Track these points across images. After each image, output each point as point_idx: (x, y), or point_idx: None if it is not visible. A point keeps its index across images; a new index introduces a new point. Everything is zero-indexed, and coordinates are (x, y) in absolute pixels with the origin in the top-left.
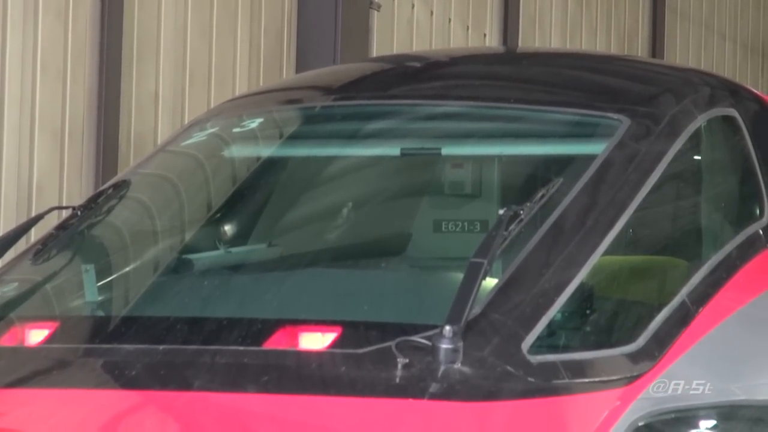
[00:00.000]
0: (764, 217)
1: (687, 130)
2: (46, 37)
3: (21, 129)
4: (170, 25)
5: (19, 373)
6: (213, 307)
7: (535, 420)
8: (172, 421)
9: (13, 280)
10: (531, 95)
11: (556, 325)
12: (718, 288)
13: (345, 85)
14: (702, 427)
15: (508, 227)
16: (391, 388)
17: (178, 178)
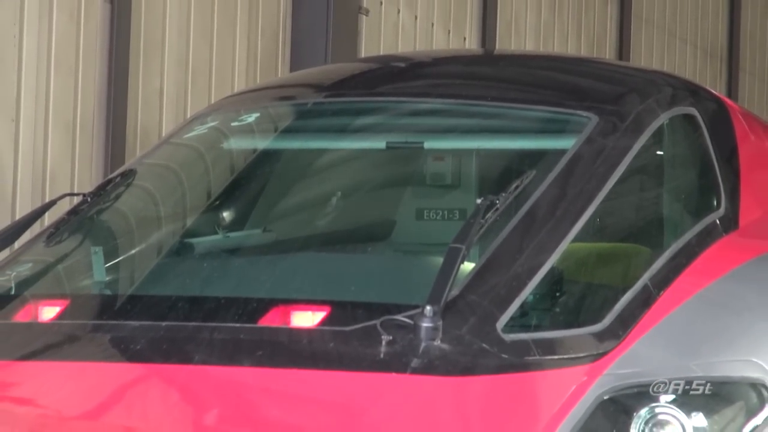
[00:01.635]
0: (721, 208)
1: (650, 127)
2: (59, 37)
3: (36, 121)
4: (174, 27)
5: (32, 346)
6: (212, 287)
7: (508, 394)
8: (174, 393)
9: (28, 260)
10: (507, 94)
11: (528, 306)
12: (678, 273)
13: (335, 83)
14: (662, 400)
15: (485, 215)
16: (375, 363)
17: (180, 168)
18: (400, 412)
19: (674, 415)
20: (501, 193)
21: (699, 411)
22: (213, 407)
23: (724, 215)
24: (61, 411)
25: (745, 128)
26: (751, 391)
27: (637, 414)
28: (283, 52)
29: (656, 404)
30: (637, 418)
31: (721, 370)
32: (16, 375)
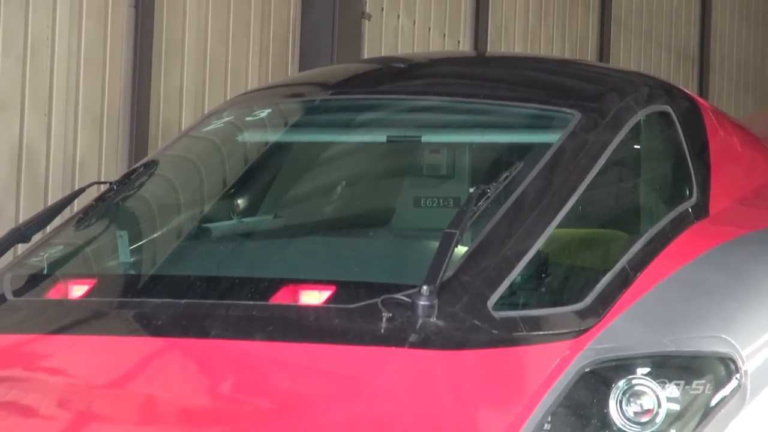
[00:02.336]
0: (693, 198)
1: (629, 123)
2: (88, 39)
3: (66, 116)
4: (193, 30)
5: (63, 322)
6: (227, 268)
7: (498, 366)
8: (192, 364)
9: (59, 243)
10: (497, 92)
11: (516, 286)
12: (654, 256)
13: (340, 82)
14: (638, 373)
15: (477, 203)
16: (376, 338)
17: (198, 159)
18: (399, 382)
19: (649, 386)
20: (492, 183)
21: (672, 383)
22: (227, 378)
23: (696, 204)
24: (89, 380)
25: (715, 124)
26: (720, 365)
27: (616, 385)
28: (292, 54)
29: (633, 376)
30: (615, 388)
31: (692, 346)
32: (49, 347)
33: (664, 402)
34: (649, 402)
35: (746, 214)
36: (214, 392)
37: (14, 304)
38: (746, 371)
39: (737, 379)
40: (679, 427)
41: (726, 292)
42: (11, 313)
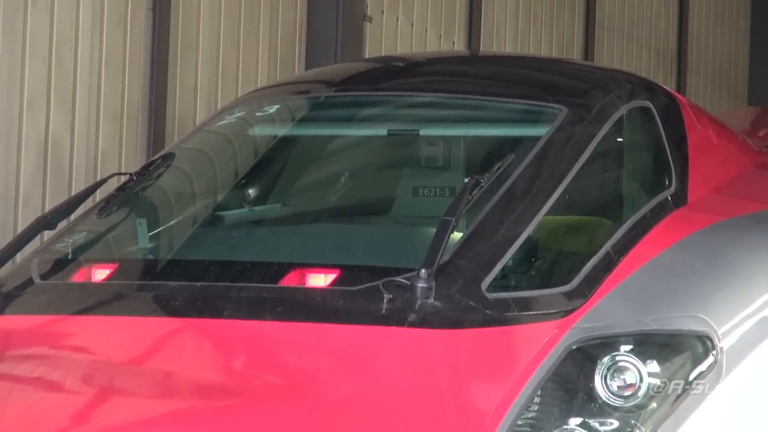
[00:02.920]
0: (672, 187)
1: (612, 118)
2: (109, 40)
3: (89, 112)
4: (206, 32)
5: (86, 303)
6: (239, 252)
7: (491, 344)
8: (206, 342)
9: (83, 230)
10: (490, 89)
11: (508, 269)
12: (636, 242)
13: (343, 80)
14: (622, 350)
15: (472, 192)
16: (378, 318)
17: (212, 151)
18: (399, 359)
19: (632, 362)
20: (485, 174)
21: (653, 359)
22: (239, 355)
23: (675, 193)
24: (111, 358)
25: (693, 119)
26: (697, 343)
27: (601, 361)
28: (299, 54)
29: (617, 353)
30: (600, 364)
31: (672, 324)
32: (73, 327)
33: (645, 377)
34: (632, 377)
35: (722, 203)
36: (227, 368)
37: (41, 286)
38: (722, 348)
39: (714, 356)
40: (659, 401)
41: (703, 274)
42: (38, 296)
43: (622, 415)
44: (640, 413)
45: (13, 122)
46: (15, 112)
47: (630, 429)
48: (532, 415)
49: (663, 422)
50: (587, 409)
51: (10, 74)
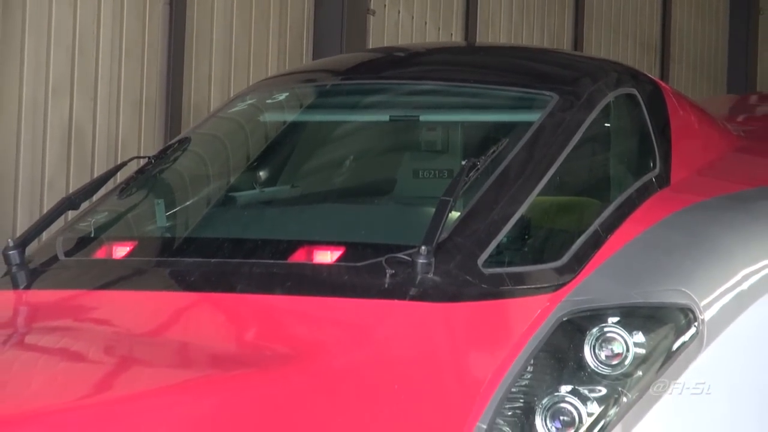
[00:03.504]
0: (656, 169)
1: (600, 104)
2: (128, 32)
3: (110, 100)
4: (220, 24)
5: (107, 278)
6: (250, 231)
7: (487, 316)
8: (220, 315)
9: (104, 210)
10: (485, 77)
11: (503, 246)
12: (622, 220)
13: (348, 69)
14: (609, 322)
15: (468, 174)
16: (381, 292)
17: (225, 136)
18: (401, 331)
19: (619, 333)
20: (481, 157)
21: (639, 330)
22: (251, 327)
23: (659, 174)
24: (130, 330)
25: (676, 105)
26: (680, 315)
27: (590, 332)
28: (306, 45)
29: (605, 324)
30: (589, 335)
31: (656, 298)
32: (95, 301)
33: (632, 347)
34: (619, 347)
35: (703, 184)
36: (240, 339)
37: (65, 263)
38: (703, 320)
39: (695, 327)
40: (644, 369)
41: (685, 251)
42: (63, 271)
43: (610, 383)
44: (626, 381)
45: (38, 109)
46: (41, 99)
47: (617, 396)
48: (526, 383)
49: (647, 390)
50: (577, 377)
51: (36, 64)
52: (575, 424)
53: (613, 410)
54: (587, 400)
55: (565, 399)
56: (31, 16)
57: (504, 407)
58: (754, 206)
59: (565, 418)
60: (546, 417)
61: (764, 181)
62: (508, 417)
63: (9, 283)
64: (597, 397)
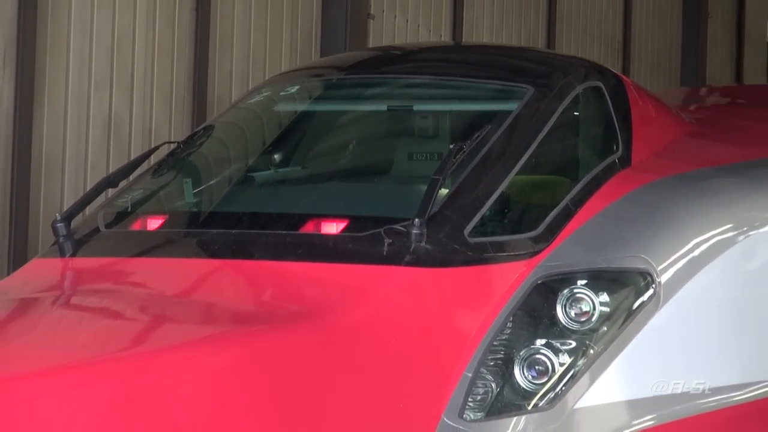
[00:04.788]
0: (619, 151)
1: (570, 95)
2: (161, 35)
3: (144, 93)
4: (240, 28)
5: (142, 247)
6: (267, 206)
7: (472, 279)
8: (240, 279)
9: (139, 188)
10: (470, 72)
11: (486, 218)
12: (589, 196)
13: (351, 65)
14: (578, 284)
15: (456, 156)
16: (380, 258)
17: (244, 124)
18: (397, 292)
19: (587, 293)
20: (467, 141)
21: (604, 291)
22: (266, 289)
23: (621, 156)
24: (162, 292)
25: (636, 96)
26: (639, 278)
27: (561, 293)
28: (315, 45)
29: (574, 286)
30: (561, 296)
31: (619, 263)
32: (131, 267)
33: (597, 306)
34: (587, 306)
35: (660, 164)
36: (257, 300)
37: (105, 234)
38: (660, 282)
39: (653, 288)
40: (609, 325)
41: (644, 222)
42: (103, 241)
43: (579, 337)
44: (593, 335)
45: (82, 102)
46: (84, 93)
47: (585, 348)
48: (505, 338)
49: (611, 342)
50: (550, 332)
51: (80, 62)
52: (549, 373)
53: (581, 361)
54: (559, 352)
55: (540, 351)
56: (76, 21)
57: (487, 358)
58: (703, 184)
59: (539, 368)
60: (523, 367)
61: (712, 162)
62: (491, 367)
63: (57, 251)
64: (567, 349)
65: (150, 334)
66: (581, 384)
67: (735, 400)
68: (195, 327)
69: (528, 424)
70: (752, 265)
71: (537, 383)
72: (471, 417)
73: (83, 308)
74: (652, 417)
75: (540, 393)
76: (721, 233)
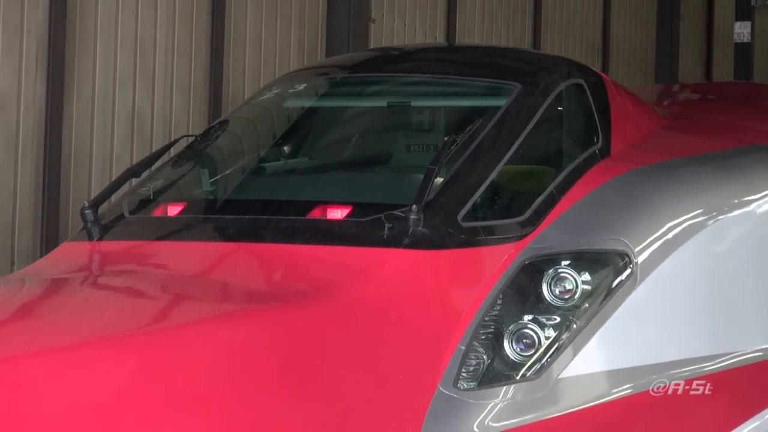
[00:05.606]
0: (599, 143)
1: (554, 92)
2: (179, 38)
3: (165, 91)
4: (252, 31)
5: (163, 232)
6: (277, 194)
7: (465, 261)
8: (253, 260)
9: (160, 177)
10: (463, 70)
11: (477, 204)
12: (572, 184)
13: (354, 65)
14: (562, 264)
15: (450, 148)
16: (381, 242)
17: (256, 119)
18: (397, 272)
19: (570, 273)
20: (460, 134)
21: (585, 270)
22: (277, 270)
23: (601, 147)
24: (182, 272)
25: (614, 92)
26: (618, 258)
27: (547, 273)
28: (320, 46)
29: (558, 266)
30: (546, 275)
31: (599, 245)
32: (153, 250)
33: (579, 284)
34: (570, 284)
35: (636, 155)
36: (268, 279)
37: (129, 220)
38: (637, 262)
39: (631, 268)
40: (590, 302)
41: (622, 208)
42: (127, 226)
43: (563, 313)
44: (575, 311)
45: (108, 99)
46: (110, 91)
47: (568, 323)
48: (496, 313)
49: (592, 318)
50: (536, 309)
51: (105, 62)
52: (535, 346)
53: (565, 334)
54: (545, 327)
55: (527, 326)
56: (102, 25)
57: (479, 332)
58: (676, 173)
59: (527, 341)
60: (512, 340)
61: (684, 153)
62: (482, 340)
63: (85, 235)
64: (552, 324)
65: (171, 311)
66: (565, 356)
67: (706, 370)
68: (212, 304)
69: (516, 392)
70: (720, 247)
71: (525, 355)
72: (464, 386)
73: (110, 287)
74: (629, 386)
75: (527, 364)
76: (692, 218)
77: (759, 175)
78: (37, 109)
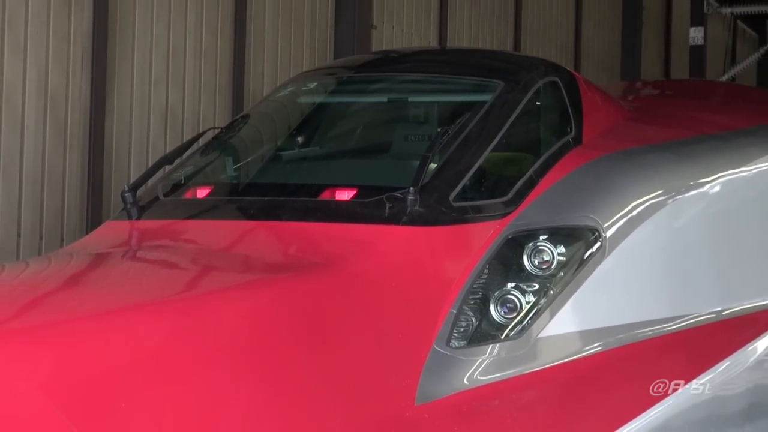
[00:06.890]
0: (572, 132)
1: (533, 88)
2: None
3: (194, 88)
4: (270, 35)
5: (193, 212)
6: (292, 178)
7: (457, 236)
8: (272, 237)
9: (190, 164)
10: (454, 70)
11: (467, 186)
12: (549, 169)
13: (359, 65)
14: (540, 238)
15: (442, 137)
16: (383, 219)
17: (273, 113)
18: (397, 246)
19: (547, 246)
20: (451, 125)
21: (561, 244)
22: (292, 244)
23: (574, 136)
24: (209, 246)
25: (585, 89)
26: (589, 234)
27: (527, 246)
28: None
29: (537, 241)
30: (527, 248)
31: (573, 221)
32: (185, 228)
33: (556, 256)
34: (547, 256)
35: (605, 143)
36: (285, 253)
37: (164, 201)
38: (605, 237)
39: (600, 242)
40: (565, 271)
41: (593, 189)
42: (162, 207)
43: (541, 281)
44: (552, 279)
45: (144, 97)
46: (146, 90)
47: (546, 290)
48: (483, 281)
49: (567, 285)
50: (518, 277)
51: (142, 65)
52: (517, 309)
53: (543, 300)
54: (525, 293)
55: (510, 292)
56: (138, 31)
57: (468, 298)
58: (640, 158)
59: (510, 305)
60: (497, 304)
61: (647, 141)
62: (471, 305)
63: (125, 215)
64: (532, 290)
65: (201, 280)
66: (543, 318)
67: (666, 330)
68: (237, 274)
69: (501, 350)
70: (678, 223)
71: (508, 318)
72: (456, 345)
73: (147, 260)
74: (600, 344)
75: (511, 325)
76: (653, 198)
77: (711, 160)
78: (83, 106)
